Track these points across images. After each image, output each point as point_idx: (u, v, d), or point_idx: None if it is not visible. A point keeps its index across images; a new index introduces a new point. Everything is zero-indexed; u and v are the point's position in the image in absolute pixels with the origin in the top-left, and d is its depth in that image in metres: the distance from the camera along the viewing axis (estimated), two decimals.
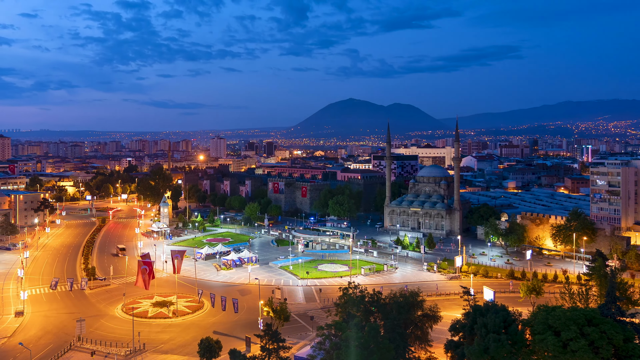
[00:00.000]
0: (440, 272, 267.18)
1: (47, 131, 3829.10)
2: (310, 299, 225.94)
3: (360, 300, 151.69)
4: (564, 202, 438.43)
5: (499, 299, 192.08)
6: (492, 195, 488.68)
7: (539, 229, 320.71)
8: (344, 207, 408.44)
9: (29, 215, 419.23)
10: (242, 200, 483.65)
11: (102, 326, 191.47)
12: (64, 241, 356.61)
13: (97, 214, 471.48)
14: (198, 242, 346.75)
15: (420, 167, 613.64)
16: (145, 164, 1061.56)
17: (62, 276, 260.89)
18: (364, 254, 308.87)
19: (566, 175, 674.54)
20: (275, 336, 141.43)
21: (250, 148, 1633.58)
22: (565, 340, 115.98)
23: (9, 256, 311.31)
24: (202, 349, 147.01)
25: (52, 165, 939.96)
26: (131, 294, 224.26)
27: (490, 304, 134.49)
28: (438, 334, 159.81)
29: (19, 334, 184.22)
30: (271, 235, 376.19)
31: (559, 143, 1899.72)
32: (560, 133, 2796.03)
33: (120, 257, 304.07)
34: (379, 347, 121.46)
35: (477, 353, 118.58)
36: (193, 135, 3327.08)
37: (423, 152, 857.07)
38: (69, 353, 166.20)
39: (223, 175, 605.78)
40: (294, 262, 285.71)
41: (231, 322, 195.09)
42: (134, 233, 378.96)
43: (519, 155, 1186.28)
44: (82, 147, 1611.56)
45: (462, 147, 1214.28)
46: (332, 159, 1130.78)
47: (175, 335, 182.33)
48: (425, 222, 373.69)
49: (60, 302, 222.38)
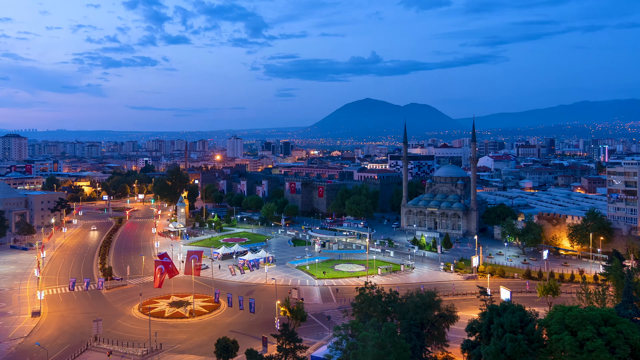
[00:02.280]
0: (456, 272, 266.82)
1: (64, 131, 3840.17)
2: (327, 298, 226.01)
3: (377, 300, 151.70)
4: (580, 202, 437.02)
5: (515, 299, 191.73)
6: (509, 195, 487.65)
7: (555, 229, 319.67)
8: (361, 207, 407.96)
9: (46, 215, 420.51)
10: (258, 200, 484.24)
11: (118, 326, 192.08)
12: (81, 241, 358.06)
13: (113, 214, 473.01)
14: (215, 242, 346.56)
15: (437, 167, 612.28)
16: (162, 164, 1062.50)
17: (79, 276, 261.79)
18: (380, 253, 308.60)
19: (583, 175, 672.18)
20: (292, 336, 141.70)
21: (267, 148, 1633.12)
22: (581, 340, 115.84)
23: (25, 256, 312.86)
24: (218, 349, 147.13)
25: (69, 165, 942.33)
26: (148, 293, 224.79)
27: (506, 304, 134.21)
28: (455, 334, 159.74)
29: (36, 334, 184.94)
30: (288, 235, 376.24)
31: (575, 143, 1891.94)
32: (577, 133, 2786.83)
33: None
34: (396, 347, 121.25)
35: (494, 353, 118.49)
36: (210, 135, 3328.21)
37: (439, 152, 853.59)
38: (86, 353, 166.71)
39: (240, 175, 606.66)
40: (310, 262, 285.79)
41: (248, 322, 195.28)
42: (150, 233, 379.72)
43: (535, 155, 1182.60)
44: (99, 147, 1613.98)
45: (479, 147, 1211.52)
46: (349, 159, 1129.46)
47: (191, 335, 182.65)
48: (442, 222, 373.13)
49: (77, 302, 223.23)
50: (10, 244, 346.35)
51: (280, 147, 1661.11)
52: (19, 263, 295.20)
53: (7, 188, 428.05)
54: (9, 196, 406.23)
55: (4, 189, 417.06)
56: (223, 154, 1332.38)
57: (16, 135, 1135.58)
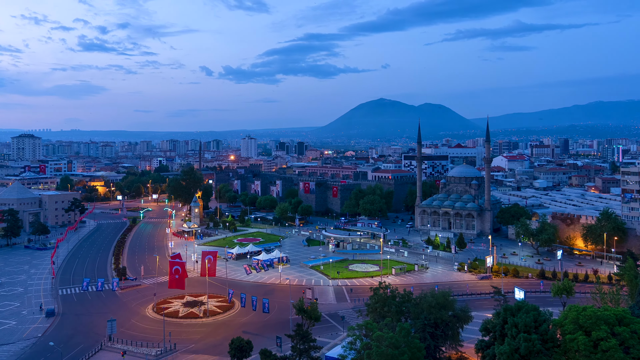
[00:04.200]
0: (471, 272, 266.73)
1: (78, 131, 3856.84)
2: (341, 298, 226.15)
3: (391, 300, 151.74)
4: (594, 202, 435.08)
5: (529, 298, 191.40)
6: (523, 195, 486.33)
7: (569, 229, 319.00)
8: (375, 207, 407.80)
9: (60, 215, 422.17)
10: (273, 200, 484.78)
11: (132, 326, 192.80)
12: (95, 241, 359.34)
13: (127, 214, 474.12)
14: (229, 242, 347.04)
15: (451, 167, 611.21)
16: (176, 164, 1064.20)
17: (93, 276, 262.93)
18: (394, 253, 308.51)
19: (597, 175, 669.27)
20: (306, 336, 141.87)
21: (281, 148, 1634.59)
22: (595, 339, 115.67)
23: (39, 256, 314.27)
24: (233, 349, 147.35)
25: (83, 165, 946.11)
26: (162, 293, 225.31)
27: (521, 304, 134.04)
28: (469, 334, 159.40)
29: (50, 333, 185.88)
30: (302, 235, 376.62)
31: (589, 143, 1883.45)
32: (591, 133, 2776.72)
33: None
34: (410, 347, 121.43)
35: (508, 353, 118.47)
36: (223, 135, 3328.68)
37: (454, 152, 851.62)
38: (100, 353, 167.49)
39: (254, 175, 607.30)
40: (324, 262, 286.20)
41: (262, 322, 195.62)
42: (164, 233, 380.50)
43: (549, 155, 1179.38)
44: (113, 147, 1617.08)
45: (493, 146, 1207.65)
46: (363, 158, 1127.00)
47: (206, 335, 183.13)
48: (456, 222, 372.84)
49: (90, 302, 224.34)
50: (24, 243, 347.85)
51: (294, 147, 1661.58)
52: (33, 263, 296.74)
53: (22, 188, 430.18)
54: (23, 196, 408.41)
55: (19, 189, 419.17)
56: (237, 154, 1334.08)
57: (30, 135, 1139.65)
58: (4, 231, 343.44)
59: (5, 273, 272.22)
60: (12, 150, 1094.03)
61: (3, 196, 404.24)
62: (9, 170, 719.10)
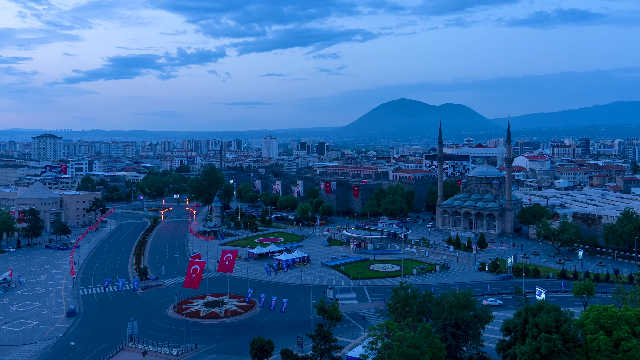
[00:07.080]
0: (492, 271, 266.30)
1: (99, 131, 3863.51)
2: (362, 298, 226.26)
3: (412, 300, 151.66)
4: (615, 202, 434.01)
5: (550, 298, 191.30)
6: (544, 195, 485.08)
7: (590, 229, 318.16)
8: (396, 207, 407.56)
9: (81, 215, 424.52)
10: (294, 200, 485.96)
11: (154, 326, 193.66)
12: (116, 241, 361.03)
13: (149, 214, 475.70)
14: (250, 242, 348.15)
15: (472, 167, 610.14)
16: (197, 163, 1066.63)
17: (114, 276, 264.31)
18: (415, 253, 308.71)
19: (618, 175, 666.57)
20: (327, 336, 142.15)
21: (302, 148, 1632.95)
22: (617, 339, 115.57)
23: (60, 256, 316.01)
24: (254, 349, 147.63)
25: (104, 165, 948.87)
26: (183, 293, 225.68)
27: (542, 304, 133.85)
28: (490, 334, 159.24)
29: (71, 333, 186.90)
30: (323, 235, 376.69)
31: (610, 143, 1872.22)
32: (612, 133, 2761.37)
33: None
34: (431, 347, 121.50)
35: (529, 353, 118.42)
36: (245, 135, 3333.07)
37: (475, 152, 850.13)
38: (121, 353, 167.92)
39: (275, 175, 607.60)
40: (346, 262, 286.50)
41: (283, 322, 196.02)
42: (186, 233, 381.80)
43: (570, 155, 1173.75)
44: (134, 147, 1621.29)
45: (514, 146, 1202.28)
46: (384, 159, 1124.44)
47: (227, 335, 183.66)
48: (477, 222, 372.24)
49: (112, 302, 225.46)
50: (45, 243, 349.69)
51: (315, 147, 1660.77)
52: (54, 263, 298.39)
53: (43, 188, 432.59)
54: (44, 196, 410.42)
55: (40, 189, 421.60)
56: (258, 154, 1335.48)
57: (51, 135, 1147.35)
58: (25, 231, 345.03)
59: (26, 273, 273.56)
60: (34, 150, 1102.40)
61: (24, 196, 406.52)
62: (30, 170, 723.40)
